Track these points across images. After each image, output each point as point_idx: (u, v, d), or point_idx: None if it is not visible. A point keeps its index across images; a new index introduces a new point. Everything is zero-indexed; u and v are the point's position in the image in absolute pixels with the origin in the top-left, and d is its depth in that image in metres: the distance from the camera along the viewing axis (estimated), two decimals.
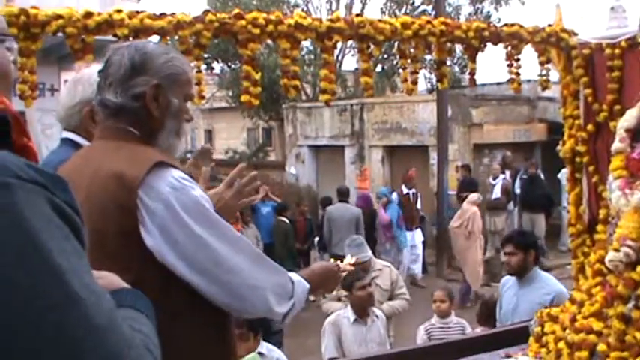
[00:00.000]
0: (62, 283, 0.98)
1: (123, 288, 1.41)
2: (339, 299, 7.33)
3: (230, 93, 25.37)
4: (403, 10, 24.47)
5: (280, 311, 2.36)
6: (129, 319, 1.19)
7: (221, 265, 2.21)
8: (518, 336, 4.64)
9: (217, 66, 25.54)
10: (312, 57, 22.69)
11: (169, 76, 2.31)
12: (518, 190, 16.36)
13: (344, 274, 2.90)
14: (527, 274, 5.73)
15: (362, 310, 6.20)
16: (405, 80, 4.90)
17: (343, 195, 14.14)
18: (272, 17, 4.24)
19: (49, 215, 1.02)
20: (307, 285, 2.47)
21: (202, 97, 4.32)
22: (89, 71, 2.40)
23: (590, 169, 5.04)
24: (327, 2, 26.08)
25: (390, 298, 7.31)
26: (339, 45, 4.81)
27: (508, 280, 6.00)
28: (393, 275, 7.29)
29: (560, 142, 5.36)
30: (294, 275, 2.47)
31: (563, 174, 16.05)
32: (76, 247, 1.05)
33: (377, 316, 6.35)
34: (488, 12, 24.94)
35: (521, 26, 4.97)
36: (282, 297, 2.36)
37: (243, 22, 4.13)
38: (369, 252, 7.65)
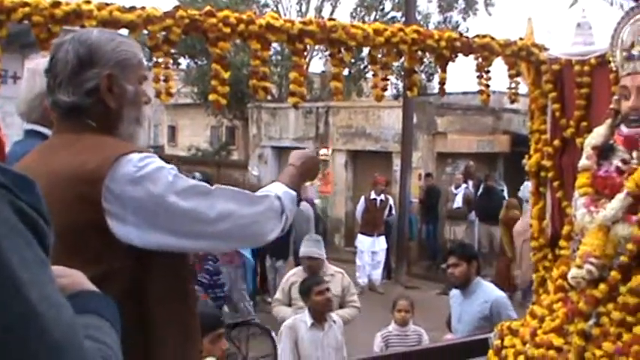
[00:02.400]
0: (20, 298, 0.91)
1: (87, 291, 1.34)
2: (289, 305, 7.31)
3: (195, 89, 25.23)
4: (373, 16, 24.49)
5: (277, 231, 2.41)
6: (92, 328, 1.14)
7: (208, 220, 2.19)
8: (477, 348, 4.64)
9: (183, 62, 25.37)
10: (279, 58, 22.62)
11: (120, 63, 2.23)
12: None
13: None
14: (470, 286, 5.86)
15: (319, 315, 6.17)
16: (375, 87, 4.86)
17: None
18: (244, 17, 4.17)
19: (11, 220, 0.96)
20: (293, 192, 2.51)
21: (170, 95, 4.24)
22: (45, 61, 2.32)
23: (555, 184, 5.04)
24: (297, 4, 26.06)
25: (341, 305, 7.27)
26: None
27: (456, 293, 6.12)
28: (345, 282, 7.26)
29: (527, 156, 5.36)
30: (277, 188, 2.48)
31: (526, 187, 16.29)
32: (38, 254, 0.98)
33: (334, 322, 6.32)
34: (457, 21, 25.11)
35: (492, 38, 4.95)
36: (275, 218, 2.39)
37: (214, 20, 4.06)
38: (324, 252, 7.63)
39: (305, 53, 4.79)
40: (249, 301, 11.21)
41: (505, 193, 17.12)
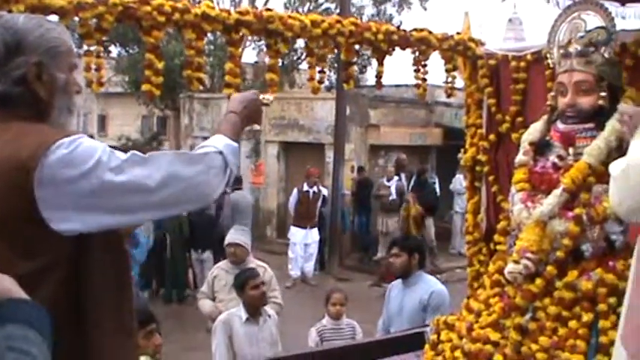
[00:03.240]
0: None
1: (16, 299, 1.28)
2: (213, 299, 7.23)
3: (127, 78, 24.80)
4: (307, 7, 24.44)
5: (222, 187, 2.34)
6: (19, 340, 1.07)
7: (150, 190, 2.12)
8: (413, 342, 4.64)
9: (114, 50, 24.92)
10: (212, 47, 22.40)
11: (49, 51, 2.14)
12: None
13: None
14: (411, 277, 5.86)
15: (254, 310, 6.10)
16: (312, 79, 4.82)
17: (238, 182, 14.33)
18: (179, 5, 4.08)
19: None
20: (235, 144, 2.43)
21: (101, 84, 4.13)
22: None
23: (490, 178, 5.08)
24: None
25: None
26: None
27: (396, 284, 6.10)
28: (267, 276, 7.17)
29: (462, 150, 5.39)
30: (218, 141, 2.40)
31: (457, 179, 16.52)
32: None
33: (269, 316, 6.26)
34: (391, 14, 25.20)
35: (430, 32, 4.95)
36: (219, 174, 2.32)
37: (148, 8, 3.95)
38: (250, 242, 7.59)
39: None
40: None
41: (437, 186, 17.32)
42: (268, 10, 4.51)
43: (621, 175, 2.39)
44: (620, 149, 3.51)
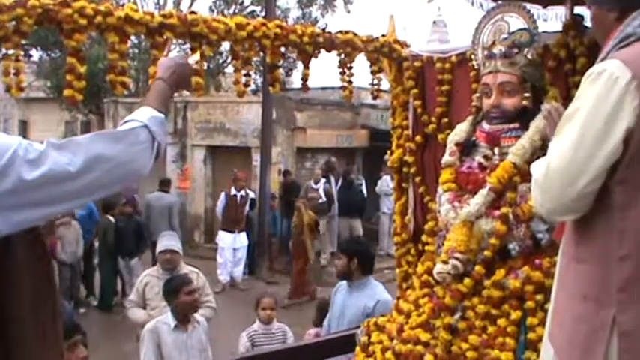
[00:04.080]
0: None
1: None
2: (144, 306, 7.13)
3: (48, 83, 24.30)
4: (232, 10, 24.31)
5: (152, 162, 2.30)
6: None
7: (71, 177, 2.06)
8: (345, 344, 4.64)
9: (36, 54, 24.37)
10: (136, 51, 22.10)
11: None
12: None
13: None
14: (356, 281, 5.81)
15: (185, 316, 6.02)
16: (237, 82, 4.77)
17: (164, 184, 14.52)
18: (101, 8, 3.98)
19: None
20: (160, 115, 2.38)
21: (21, 89, 4.01)
22: None
23: (417, 179, 5.11)
24: None
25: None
26: None
27: (340, 286, 6.05)
28: (200, 281, 7.13)
29: (388, 152, 5.41)
30: (143, 114, 2.35)
31: (384, 181, 16.64)
32: None
33: (198, 322, 6.19)
34: (316, 17, 25.25)
35: (355, 34, 4.96)
36: (146, 150, 2.28)
37: (69, 11, 3.85)
38: (180, 246, 7.51)
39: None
40: None
41: (364, 188, 17.42)
42: (192, 13, 4.45)
43: (541, 178, 2.43)
44: (544, 148, 3.55)
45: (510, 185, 3.80)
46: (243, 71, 4.73)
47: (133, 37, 4.53)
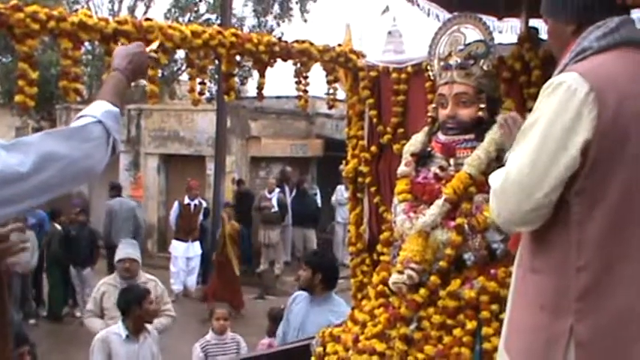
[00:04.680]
0: None
1: None
2: (101, 316, 7.02)
3: None
4: (187, 17, 24.14)
5: (107, 157, 2.26)
6: None
7: (22, 177, 2.00)
8: (300, 355, 4.60)
9: None
10: (89, 57, 21.85)
11: None
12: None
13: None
14: (318, 295, 5.69)
15: (137, 327, 5.92)
16: (192, 90, 4.73)
17: (116, 190, 14.34)
18: (55, 13, 3.92)
19: None
20: (115, 109, 2.33)
21: None
22: None
23: (373, 189, 5.11)
24: (109, 2, 25.29)
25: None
26: None
27: (299, 296, 5.92)
28: (158, 290, 7.06)
29: (344, 162, 5.41)
30: (97, 109, 2.30)
31: (339, 190, 16.65)
32: None
33: (149, 333, 6.10)
34: (272, 26, 25.20)
35: (311, 44, 4.95)
36: (101, 145, 2.23)
37: (21, 15, 3.78)
38: (139, 254, 7.43)
39: None
40: None
41: (318, 197, 17.41)
42: (148, 19, 4.40)
43: (499, 188, 2.44)
44: (499, 159, 3.59)
45: (466, 196, 3.82)
46: (198, 79, 4.70)
47: (86, 44, 4.46)
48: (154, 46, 2.91)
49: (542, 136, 2.31)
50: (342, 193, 16.24)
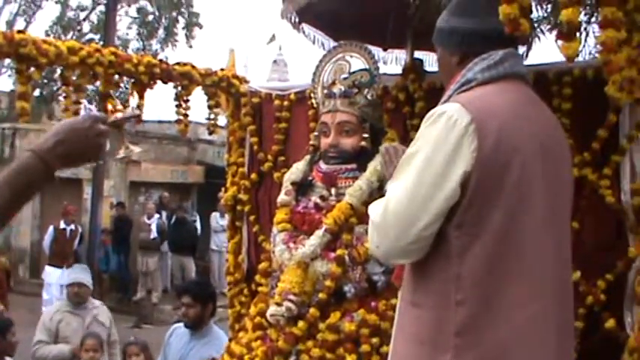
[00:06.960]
0: None
1: None
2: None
3: None
4: (70, 36, 23.52)
5: None
6: None
7: None
8: None
9: None
10: None
11: None
12: None
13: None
14: (203, 329, 5.55)
15: None
16: (67, 110, 4.52)
17: None
18: None
19: None
20: None
21: None
22: None
23: (252, 218, 4.99)
24: None
25: (110, 335, 6.94)
26: None
27: (178, 329, 5.74)
28: (110, 314, 7.10)
29: (223, 189, 5.29)
30: None
31: (213, 217, 16.46)
32: None
33: None
34: (156, 50, 24.84)
35: (193, 67, 4.83)
36: None
37: None
38: (90, 279, 7.22)
39: None
40: None
41: (198, 224, 17.16)
42: (21, 32, 4.17)
43: (378, 219, 2.37)
44: (381, 190, 3.54)
45: (347, 226, 3.76)
46: (74, 99, 4.50)
47: None
48: (128, 114, 2.27)
49: (422, 167, 2.26)
50: (217, 220, 16.06)
